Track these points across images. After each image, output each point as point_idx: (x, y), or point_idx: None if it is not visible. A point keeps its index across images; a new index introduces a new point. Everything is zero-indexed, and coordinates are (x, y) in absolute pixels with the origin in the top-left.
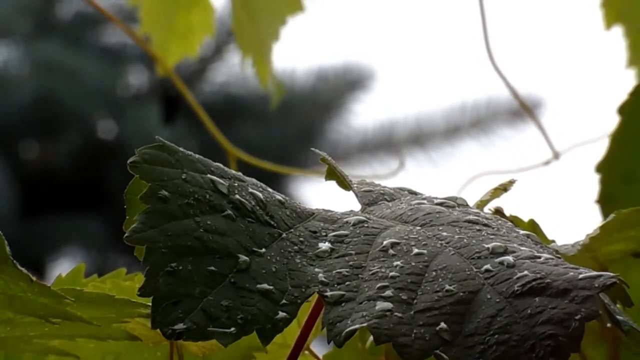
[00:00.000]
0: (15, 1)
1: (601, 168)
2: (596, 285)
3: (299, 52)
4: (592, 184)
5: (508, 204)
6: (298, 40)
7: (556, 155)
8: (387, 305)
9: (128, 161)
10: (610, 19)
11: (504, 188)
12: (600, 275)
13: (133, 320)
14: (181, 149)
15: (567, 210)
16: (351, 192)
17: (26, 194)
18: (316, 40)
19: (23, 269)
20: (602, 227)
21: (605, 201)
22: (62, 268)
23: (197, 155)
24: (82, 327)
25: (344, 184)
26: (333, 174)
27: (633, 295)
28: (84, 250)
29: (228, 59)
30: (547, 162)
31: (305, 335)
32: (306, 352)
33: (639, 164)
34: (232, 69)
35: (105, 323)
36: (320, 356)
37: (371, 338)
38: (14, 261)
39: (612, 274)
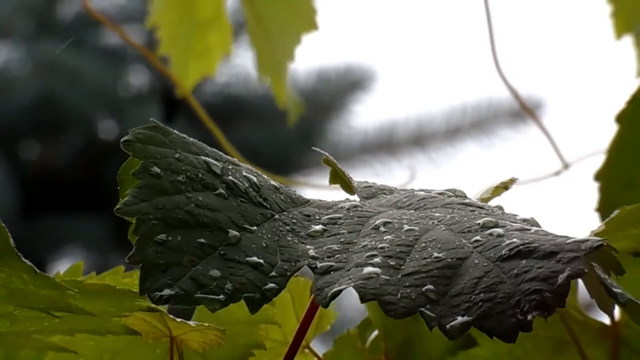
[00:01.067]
0: (16, 1)
1: (600, 176)
2: (583, 247)
3: (300, 52)
4: (594, 193)
5: (513, 209)
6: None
7: (566, 166)
8: (375, 270)
9: (121, 140)
10: (621, 28)
11: (504, 186)
12: (587, 240)
13: (132, 315)
14: (175, 131)
15: (573, 219)
16: (355, 195)
17: (27, 194)
18: (317, 41)
19: (27, 261)
20: (606, 224)
21: (605, 209)
22: (63, 268)
23: (191, 139)
24: (82, 320)
25: (348, 187)
26: (337, 177)
27: (633, 294)
28: (85, 250)
29: (229, 60)
30: (557, 173)
31: (304, 330)
32: (306, 350)
33: (638, 171)
34: (234, 69)
35: (105, 317)
36: (321, 355)
37: (371, 337)
38: (18, 253)
39: (599, 238)
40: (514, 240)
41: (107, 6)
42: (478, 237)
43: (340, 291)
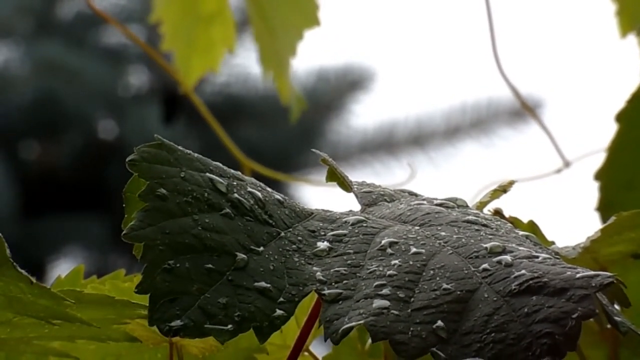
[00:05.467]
0: (16, 1)
1: (600, 176)
2: (593, 284)
3: (299, 52)
4: (594, 191)
5: (514, 209)
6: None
7: (567, 164)
8: (384, 303)
9: (127, 159)
10: (626, 26)
11: (503, 189)
12: (598, 275)
13: (133, 321)
14: (180, 147)
15: (574, 218)
16: (351, 193)
17: (27, 194)
18: (317, 41)
19: (23, 271)
20: (602, 230)
21: (605, 209)
22: (63, 268)
23: (196, 154)
24: (82, 328)
25: (345, 185)
26: (334, 176)
27: (632, 296)
28: (85, 250)
29: (229, 59)
30: (558, 171)
31: (305, 335)
32: (305, 353)
33: (638, 171)
34: (233, 69)
35: (105, 324)
36: (320, 357)
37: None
38: (14, 263)
39: (609, 274)
40: (523, 272)
41: (107, 6)
42: (486, 266)
43: (351, 328)
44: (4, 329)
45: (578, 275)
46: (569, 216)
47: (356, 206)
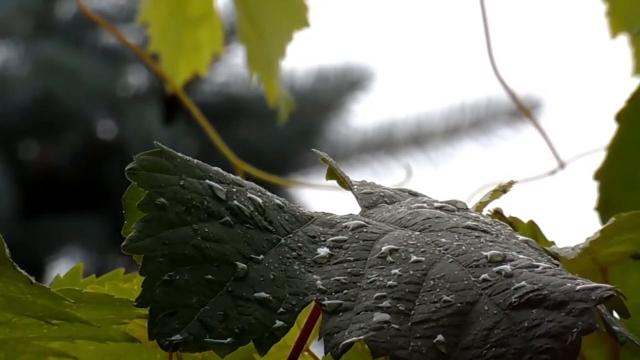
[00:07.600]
0: (15, 1)
1: (600, 176)
2: (593, 297)
3: (298, 52)
4: (590, 192)
5: (512, 209)
6: (298, 40)
7: (562, 165)
8: (385, 316)
9: (126, 168)
10: (616, 27)
11: (503, 190)
12: (598, 287)
13: (132, 321)
14: (179, 154)
15: (572, 218)
16: (351, 192)
17: (26, 194)
18: (316, 41)
19: (23, 271)
20: (602, 231)
21: (605, 208)
22: (62, 268)
23: (195, 160)
24: (81, 328)
25: (344, 184)
26: (333, 174)
27: (632, 296)
28: (84, 250)
29: (228, 59)
30: (553, 172)
31: (305, 337)
32: (306, 353)
33: (638, 171)
34: (232, 69)
35: (105, 324)
36: (320, 357)
37: None
38: (14, 263)
39: (609, 286)
40: (523, 283)
41: (106, 6)
42: (486, 276)
43: (351, 344)
44: (3, 329)
45: (578, 288)
46: (568, 217)
47: (355, 206)
